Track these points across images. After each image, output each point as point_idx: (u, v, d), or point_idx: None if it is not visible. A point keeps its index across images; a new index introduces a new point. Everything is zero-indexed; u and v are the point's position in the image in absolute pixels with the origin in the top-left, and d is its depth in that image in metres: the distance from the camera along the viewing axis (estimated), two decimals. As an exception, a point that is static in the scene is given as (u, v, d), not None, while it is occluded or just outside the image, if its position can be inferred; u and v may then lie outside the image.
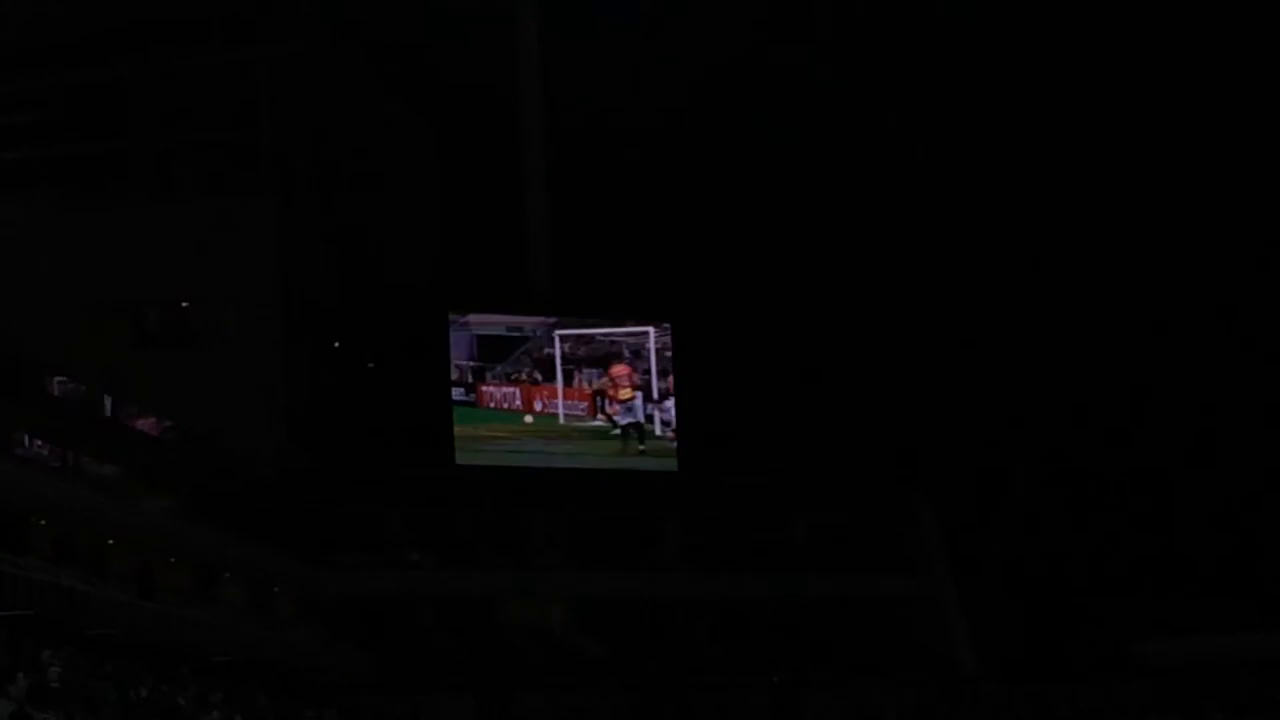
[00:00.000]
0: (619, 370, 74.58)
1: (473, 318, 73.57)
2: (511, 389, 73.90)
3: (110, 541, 54.30)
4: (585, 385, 74.45)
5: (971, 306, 75.29)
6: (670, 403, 74.56)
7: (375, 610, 68.10)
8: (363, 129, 78.69)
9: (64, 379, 57.06)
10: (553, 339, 74.05)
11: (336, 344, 72.61)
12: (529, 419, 73.41)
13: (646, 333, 74.54)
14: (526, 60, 76.78)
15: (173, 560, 57.93)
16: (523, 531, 72.86)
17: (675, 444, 74.67)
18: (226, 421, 64.50)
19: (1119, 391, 74.52)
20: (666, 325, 74.33)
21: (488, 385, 73.55)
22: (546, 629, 71.93)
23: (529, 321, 74.08)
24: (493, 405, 73.41)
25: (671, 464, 74.43)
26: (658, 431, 74.71)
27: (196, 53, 74.92)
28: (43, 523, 51.34)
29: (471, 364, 73.18)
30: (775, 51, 74.49)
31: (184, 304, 70.86)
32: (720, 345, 73.89)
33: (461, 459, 71.42)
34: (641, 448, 74.12)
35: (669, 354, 74.46)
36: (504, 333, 73.74)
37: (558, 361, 74.09)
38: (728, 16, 73.59)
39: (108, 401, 58.71)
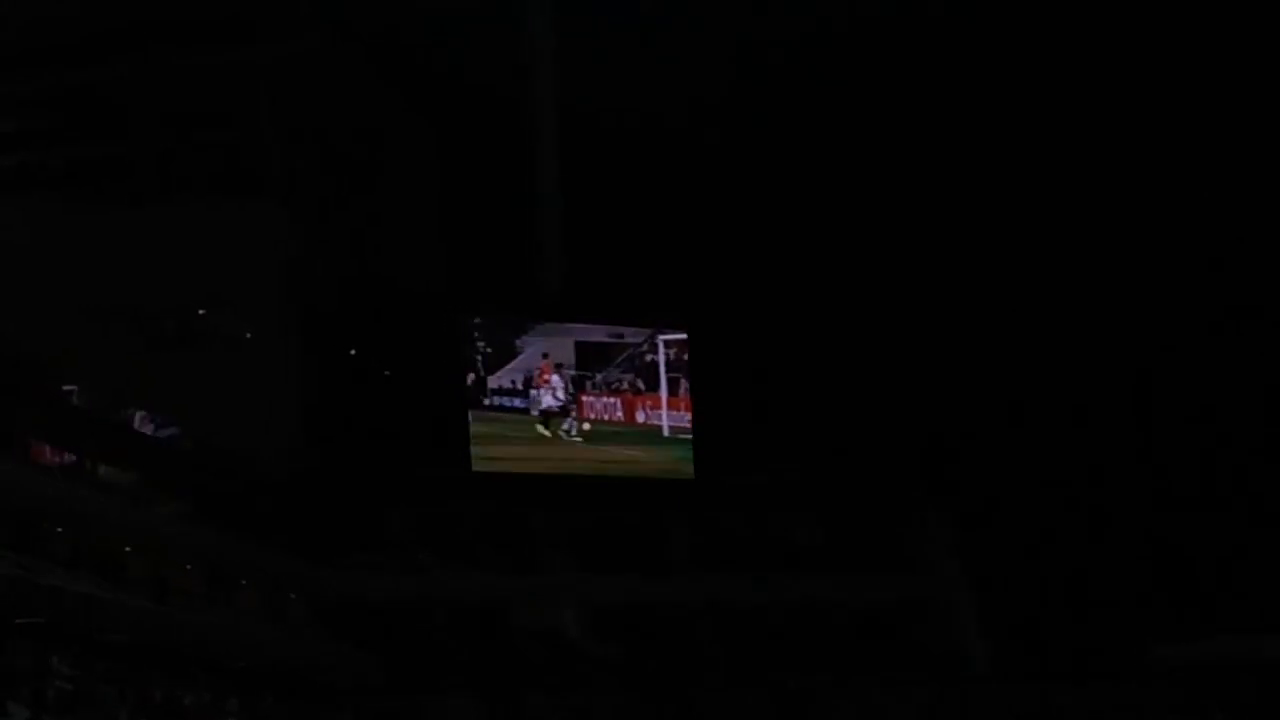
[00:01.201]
0: None
1: (577, 326, 73.28)
2: (613, 399, 73.38)
3: (127, 548, 54.19)
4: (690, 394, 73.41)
5: (981, 307, 75.24)
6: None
7: (382, 612, 67.90)
8: (366, 129, 78.53)
9: (73, 383, 56.96)
10: (656, 344, 73.77)
11: (352, 351, 72.27)
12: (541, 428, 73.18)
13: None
14: (541, 60, 76.79)
15: (187, 567, 57.81)
16: (530, 534, 72.79)
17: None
18: (235, 424, 64.36)
19: (1124, 392, 74.55)
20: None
21: (588, 395, 73.05)
22: (555, 631, 71.85)
23: (627, 329, 73.43)
24: (593, 416, 72.95)
25: (688, 472, 74.59)
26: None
27: (196, 53, 74.65)
28: (59, 530, 51.17)
29: (572, 372, 73.05)
30: (788, 50, 74.44)
31: (186, 308, 70.48)
32: (730, 347, 73.89)
33: (478, 466, 71.42)
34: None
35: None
36: (604, 339, 73.27)
37: (661, 369, 73.70)
38: (740, 15, 73.58)
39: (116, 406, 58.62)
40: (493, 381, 72.27)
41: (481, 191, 78.42)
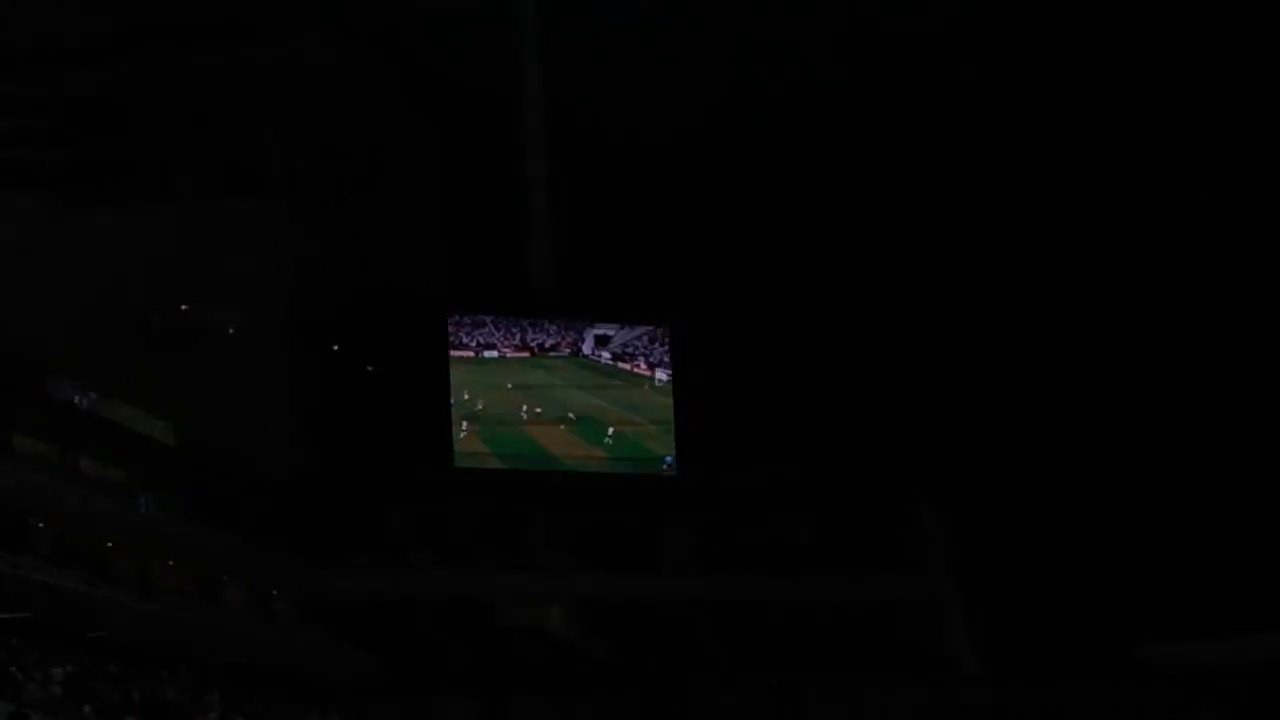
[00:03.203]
0: None
1: None
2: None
3: (109, 544, 54.26)
4: None
5: (974, 307, 75.21)
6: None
7: (377, 611, 68.01)
8: (364, 129, 78.50)
9: (67, 381, 57.02)
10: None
11: (335, 347, 72.45)
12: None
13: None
14: (529, 60, 76.89)
15: (171, 563, 57.90)
16: (523, 532, 72.87)
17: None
18: (229, 423, 64.50)
19: (1122, 392, 74.46)
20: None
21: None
22: (547, 630, 71.91)
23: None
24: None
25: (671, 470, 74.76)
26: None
27: (197, 53, 74.81)
28: (40, 525, 51.26)
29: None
30: (779, 49, 74.48)
31: (184, 307, 70.64)
32: (721, 345, 73.93)
33: (460, 462, 71.55)
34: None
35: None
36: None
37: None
38: (730, 16, 73.62)
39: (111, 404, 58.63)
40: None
41: (478, 191, 78.52)
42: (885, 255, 76.24)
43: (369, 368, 72.07)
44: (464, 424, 72.54)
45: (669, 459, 74.62)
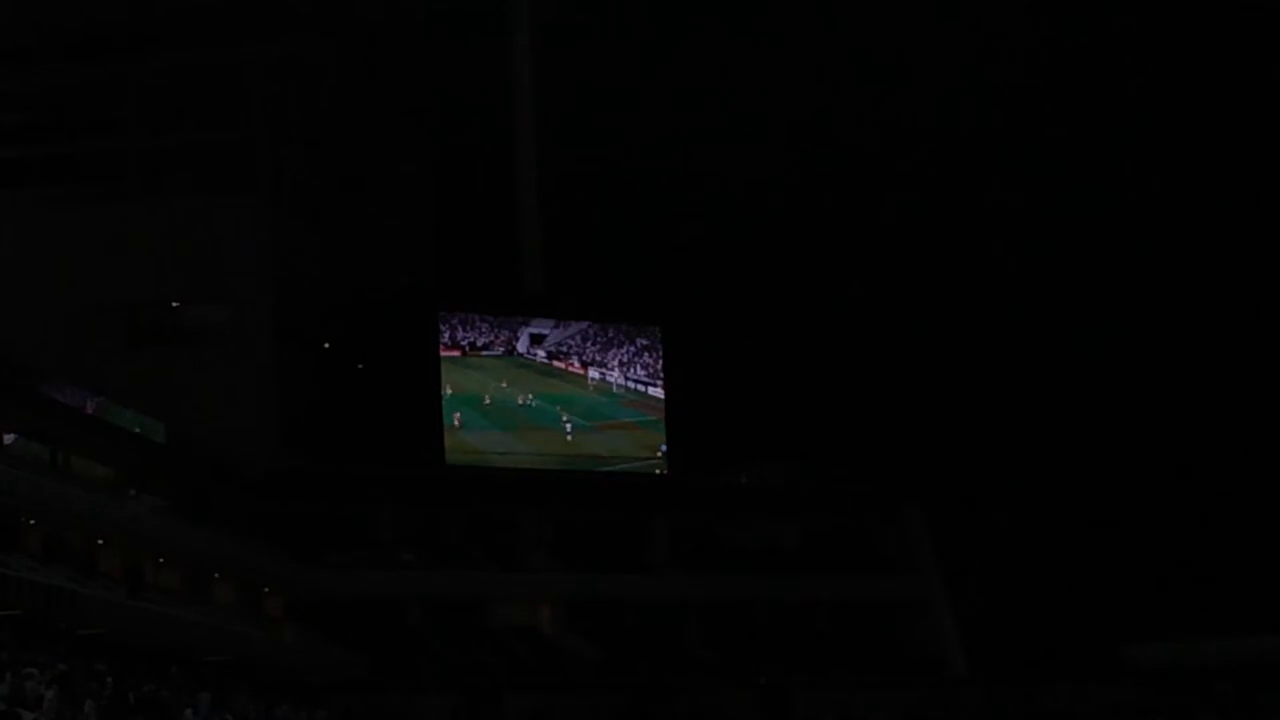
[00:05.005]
0: None
1: None
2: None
3: (100, 541, 54.32)
4: None
5: (962, 308, 75.46)
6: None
7: (365, 610, 68.02)
8: (355, 128, 78.60)
9: (58, 378, 57.09)
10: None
11: (326, 345, 72.44)
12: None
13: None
14: (518, 63, 77.04)
15: (161, 560, 57.98)
16: (512, 532, 72.94)
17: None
18: (217, 421, 64.58)
19: (1111, 393, 74.66)
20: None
21: None
22: (535, 629, 72.02)
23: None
24: None
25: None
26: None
27: (191, 52, 74.94)
28: (32, 522, 51.33)
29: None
30: (771, 54, 74.74)
31: (174, 304, 70.69)
32: (710, 347, 74.04)
33: (453, 459, 71.60)
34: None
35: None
36: None
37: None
38: (721, 22, 73.83)
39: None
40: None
41: (470, 190, 78.67)
42: (878, 256, 76.53)
43: (359, 366, 72.09)
44: (456, 417, 72.16)
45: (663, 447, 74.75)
